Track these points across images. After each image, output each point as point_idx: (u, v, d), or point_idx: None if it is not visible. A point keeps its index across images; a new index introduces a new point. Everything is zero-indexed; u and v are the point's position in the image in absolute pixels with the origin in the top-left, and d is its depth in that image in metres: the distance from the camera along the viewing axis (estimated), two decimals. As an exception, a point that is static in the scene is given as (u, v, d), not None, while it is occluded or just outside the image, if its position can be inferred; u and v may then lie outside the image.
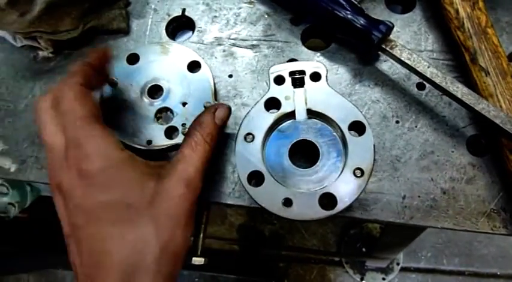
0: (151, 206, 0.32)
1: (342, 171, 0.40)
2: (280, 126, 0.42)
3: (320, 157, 0.41)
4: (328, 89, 0.42)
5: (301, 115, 0.42)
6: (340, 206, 0.38)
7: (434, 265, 1.36)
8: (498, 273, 1.33)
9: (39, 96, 0.40)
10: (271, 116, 0.42)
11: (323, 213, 0.39)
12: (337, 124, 0.41)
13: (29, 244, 1.33)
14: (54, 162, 0.34)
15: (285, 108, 0.42)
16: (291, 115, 0.42)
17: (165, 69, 0.47)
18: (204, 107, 0.45)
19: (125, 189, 0.32)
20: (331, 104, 0.42)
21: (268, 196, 0.39)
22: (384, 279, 1.32)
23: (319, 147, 0.41)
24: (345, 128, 0.41)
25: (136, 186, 0.33)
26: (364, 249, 1.35)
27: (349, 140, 0.40)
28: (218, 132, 0.40)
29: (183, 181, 0.34)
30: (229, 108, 0.42)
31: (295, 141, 0.42)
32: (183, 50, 0.48)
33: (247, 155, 0.40)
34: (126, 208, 0.31)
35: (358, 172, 0.39)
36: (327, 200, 0.39)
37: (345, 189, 0.39)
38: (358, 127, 0.41)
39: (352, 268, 1.35)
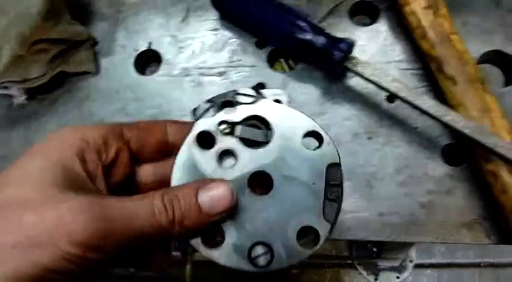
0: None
1: None
2: None
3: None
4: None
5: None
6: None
7: (449, 259, 1.33)
8: (515, 262, 1.30)
9: None
10: None
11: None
12: None
13: None
14: None
15: None
16: None
17: None
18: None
19: None
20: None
21: None
22: (398, 277, 1.30)
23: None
24: None
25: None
26: (375, 249, 1.33)
27: None
28: (199, 222, 0.27)
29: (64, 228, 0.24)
30: (231, 192, 0.28)
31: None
32: None
33: None
34: None
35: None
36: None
37: None
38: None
39: (365, 269, 1.33)
